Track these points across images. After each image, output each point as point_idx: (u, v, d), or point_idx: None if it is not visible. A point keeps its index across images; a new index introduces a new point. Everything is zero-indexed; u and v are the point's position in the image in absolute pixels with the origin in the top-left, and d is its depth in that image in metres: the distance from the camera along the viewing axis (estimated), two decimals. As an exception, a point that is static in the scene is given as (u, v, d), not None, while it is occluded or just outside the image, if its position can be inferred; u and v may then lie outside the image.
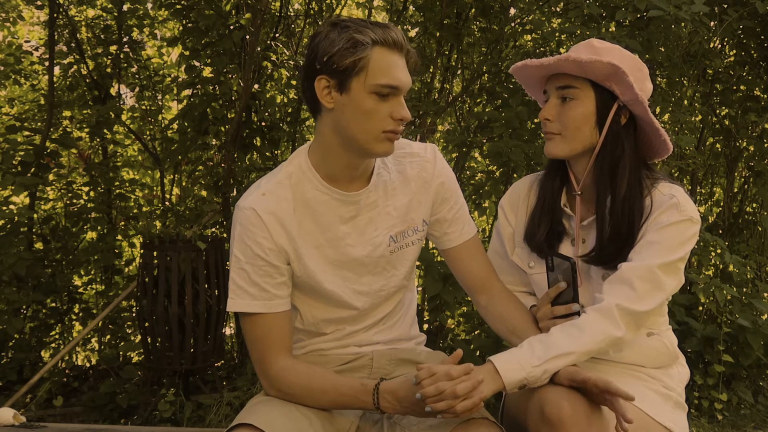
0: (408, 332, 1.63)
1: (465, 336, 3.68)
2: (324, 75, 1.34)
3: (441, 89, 4.17)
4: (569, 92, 1.50)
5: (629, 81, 1.44)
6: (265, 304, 1.42)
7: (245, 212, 1.41)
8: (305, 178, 1.45)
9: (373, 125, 1.35)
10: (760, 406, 3.44)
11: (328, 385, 1.38)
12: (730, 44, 3.92)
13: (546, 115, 1.52)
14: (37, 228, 3.90)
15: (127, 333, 3.91)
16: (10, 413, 1.93)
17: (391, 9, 4.19)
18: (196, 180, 4.04)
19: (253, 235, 1.40)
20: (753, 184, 4.23)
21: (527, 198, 1.67)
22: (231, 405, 3.11)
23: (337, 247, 1.47)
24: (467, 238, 1.59)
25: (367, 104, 1.34)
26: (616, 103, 1.50)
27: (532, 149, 3.32)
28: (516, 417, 1.51)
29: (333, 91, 1.35)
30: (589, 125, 1.50)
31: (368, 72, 1.33)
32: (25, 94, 4.71)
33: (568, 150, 1.52)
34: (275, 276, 1.43)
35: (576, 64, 1.46)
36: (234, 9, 3.80)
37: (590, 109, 1.49)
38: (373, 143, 1.37)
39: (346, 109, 1.35)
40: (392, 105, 1.36)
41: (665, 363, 1.60)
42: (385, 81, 1.34)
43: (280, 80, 4.10)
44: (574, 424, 1.27)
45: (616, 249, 1.49)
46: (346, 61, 1.32)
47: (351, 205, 1.47)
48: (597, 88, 1.49)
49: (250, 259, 1.41)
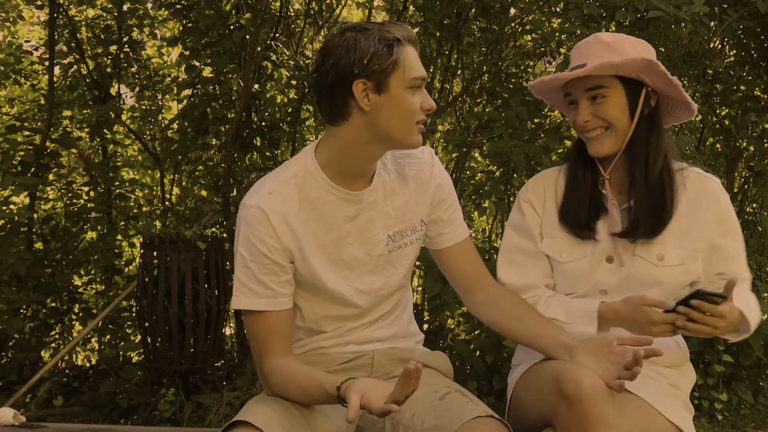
0: (406, 329, 1.64)
1: (465, 336, 3.68)
2: (362, 78, 1.37)
3: (441, 89, 4.16)
4: (600, 92, 1.54)
5: (662, 70, 1.50)
6: (270, 302, 1.43)
7: (251, 210, 1.42)
8: (311, 177, 1.46)
9: (411, 118, 1.40)
10: (760, 406, 3.44)
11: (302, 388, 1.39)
12: (730, 44, 3.91)
13: (584, 117, 1.56)
14: (37, 228, 3.90)
15: (127, 333, 3.90)
16: (10, 413, 1.93)
17: (391, 9, 4.19)
18: (196, 180, 4.04)
19: (259, 234, 1.41)
20: (753, 184, 4.23)
21: (555, 187, 1.68)
22: (231, 405, 3.11)
23: (339, 246, 1.48)
24: (462, 238, 1.61)
25: (405, 99, 1.39)
26: (644, 88, 1.55)
27: (532, 149, 3.32)
28: (523, 410, 1.52)
29: (371, 93, 1.38)
30: (625, 117, 1.55)
31: (405, 68, 1.39)
32: (25, 94, 4.71)
33: (616, 144, 1.56)
34: (280, 274, 1.43)
35: (611, 68, 1.50)
36: (234, 9, 3.79)
37: (623, 101, 1.55)
38: (409, 135, 1.42)
39: (384, 108, 1.38)
40: (421, 96, 1.42)
41: (676, 362, 1.61)
42: (417, 74, 1.40)
43: (280, 80, 4.10)
44: (592, 399, 1.27)
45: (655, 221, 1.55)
46: (385, 61, 1.36)
47: (355, 204, 1.48)
48: (624, 80, 1.54)
49: (255, 257, 1.42)
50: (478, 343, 3.31)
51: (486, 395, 3.16)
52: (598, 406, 1.26)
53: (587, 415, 1.26)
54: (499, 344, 3.19)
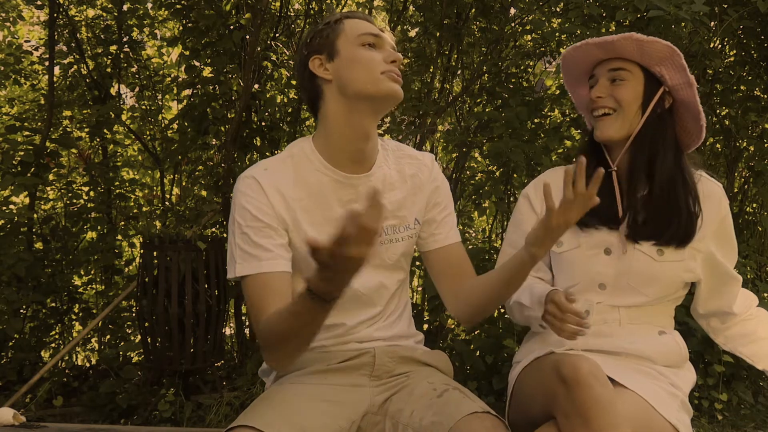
0: (407, 330, 1.65)
1: (465, 336, 3.68)
2: (314, 54, 1.48)
3: (441, 89, 4.16)
4: (620, 74, 1.59)
5: (683, 63, 1.54)
6: (270, 264, 1.44)
7: (246, 180, 1.47)
8: (307, 160, 1.50)
9: (371, 69, 1.44)
10: (760, 406, 3.44)
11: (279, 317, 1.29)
12: (730, 44, 3.91)
13: (598, 93, 1.61)
14: (37, 228, 3.90)
15: (127, 333, 3.90)
16: (10, 413, 1.93)
17: (391, 9, 4.19)
18: (196, 180, 4.04)
19: (253, 200, 1.45)
20: (753, 184, 4.23)
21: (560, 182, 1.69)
22: (231, 405, 3.11)
23: (331, 227, 1.49)
24: (453, 241, 1.63)
25: (359, 54, 1.46)
26: (662, 88, 1.59)
27: (532, 149, 3.32)
28: (525, 405, 1.52)
29: (326, 63, 1.47)
30: (636, 105, 1.59)
31: (347, 31, 1.48)
32: (25, 94, 4.71)
33: (622, 130, 1.59)
34: (275, 237, 1.46)
35: (637, 43, 1.54)
36: (234, 9, 3.79)
37: (639, 91, 1.59)
38: (378, 84, 1.44)
39: (342, 69, 1.46)
40: (382, 52, 1.47)
41: (676, 362, 1.62)
42: (364, 30, 1.47)
43: (280, 80, 4.10)
44: (590, 383, 1.28)
45: (664, 224, 1.56)
46: (326, 32, 1.48)
47: (350, 188, 1.51)
48: (646, 72, 1.58)
49: (250, 222, 1.45)
50: (478, 343, 3.31)
51: (486, 395, 3.15)
52: (596, 390, 1.28)
53: (585, 398, 1.27)
54: (499, 344, 3.19)
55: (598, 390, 1.28)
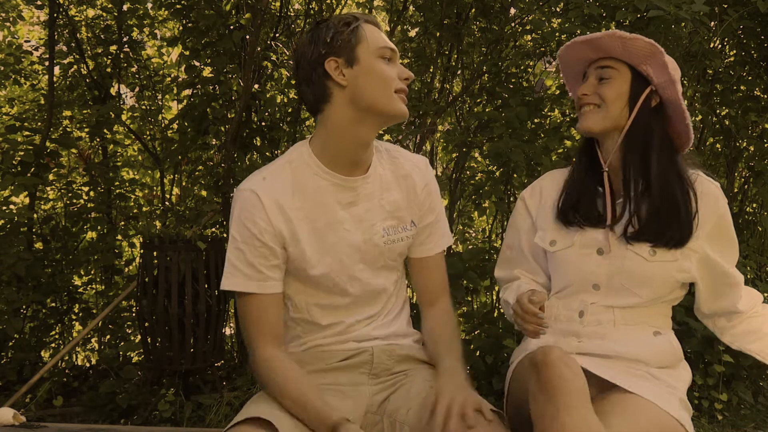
0: (405, 329, 1.66)
1: (465, 336, 3.68)
2: (331, 57, 1.45)
3: (441, 89, 4.16)
4: (607, 72, 1.61)
5: (665, 60, 1.55)
6: (259, 285, 1.46)
7: (244, 194, 1.47)
8: (305, 164, 1.50)
9: (388, 84, 1.45)
10: (760, 406, 3.44)
11: (298, 396, 1.38)
12: (730, 44, 3.91)
13: (584, 90, 1.64)
14: (37, 228, 3.90)
15: (127, 333, 3.90)
16: (10, 413, 1.93)
17: (391, 9, 4.19)
18: (196, 180, 4.04)
19: (251, 216, 1.45)
20: (753, 184, 4.23)
21: (558, 184, 1.73)
22: (231, 405, 3.11)
23: (335, 231, 1.50)
24: (439, 250, 1.67)
25: (378, 67, 1.45)
26: (649, 87, 1.60)
27: (532, 149, 3.32)
28: (518, 404, 1.53)
29: (343, 68, 1.45)
30: (621, 102, 1.60)
31: (368, 39, 1.46)
32: (25, 94, 4.71)
33: (602, 123, 1.61)
34: (270, 258, 1.46)
35: (620, 40, 1.56)
36: (234, 9, 3.79)
37: (624, 88, 1.61)
38: (391, 103, 1.46)
39: (360, 78, 1.45)
40: (396, 67, 1.48)
41: (670, 363, 1.61)
42: (383, 44, 1.47)
43: (280, 80, 4.10)
44: (556, 364, 1.30)
45: (663, 225, 1.56)
46: (347, 36, 1.45)
47: (349, 191, 1.51)
48: (633, 71, 1.60)
49: (247, 239, 1.45)
50: (478, 343, 3.31)
51: (486, 395, 3.15)
52: (561, 369, 1.29)
53: (550, 375, 1.29)
54: (499, 344, 3.19)
55: (563, 369, 1.29)
